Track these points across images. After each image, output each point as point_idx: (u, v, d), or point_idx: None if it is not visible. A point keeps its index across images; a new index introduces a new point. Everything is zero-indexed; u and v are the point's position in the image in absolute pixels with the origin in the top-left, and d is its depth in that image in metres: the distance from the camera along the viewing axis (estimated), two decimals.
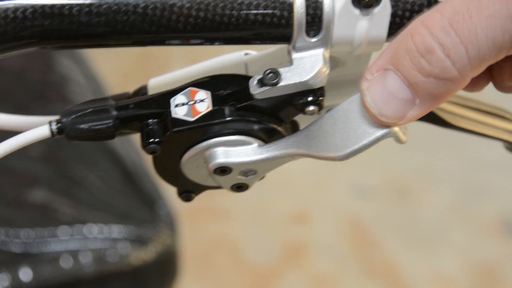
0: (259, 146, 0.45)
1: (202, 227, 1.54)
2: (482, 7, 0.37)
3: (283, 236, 1.56)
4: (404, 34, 0.39)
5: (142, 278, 0.95)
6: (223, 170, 0.45)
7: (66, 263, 0.91)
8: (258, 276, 1.51)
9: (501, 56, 0.38)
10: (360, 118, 0.42)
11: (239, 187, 0.47)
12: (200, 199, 0.51)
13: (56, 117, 0.46)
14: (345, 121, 0.43)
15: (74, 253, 0.92)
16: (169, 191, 1.02)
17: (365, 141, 0.42)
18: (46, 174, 0.98)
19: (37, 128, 0.46)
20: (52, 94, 1.07)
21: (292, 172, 0.46)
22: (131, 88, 0.51)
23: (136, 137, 0.48)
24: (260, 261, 1.52)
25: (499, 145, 0.56)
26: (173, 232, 0.98)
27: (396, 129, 0.41)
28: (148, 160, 1.03)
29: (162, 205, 0.99)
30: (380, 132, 0.42)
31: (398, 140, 0.42)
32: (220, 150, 0.45)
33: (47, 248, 0.92)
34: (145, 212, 0.99)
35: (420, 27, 0.38)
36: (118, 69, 1.68)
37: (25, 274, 0.90)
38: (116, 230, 0.94)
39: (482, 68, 0.38)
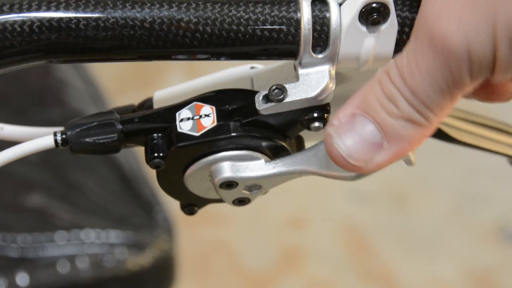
0: (266, 161, 0.45)
1: (199, 232, 1.53)
2: (418, 61, 0.39)
3: (280, 242, 1.56)
4: (371, 82, 0.40)
5: (139, 283, 0.95)
6: (229, 184, 0.45)
7: (63, 268, 0.91)
8: (255, 281, 1.51)
9: (461, 95, 0.39)
10: None
11: (241, 201, 0.47)
12: None
13: (61, 129, 0.46)
14: None
15: (71, 258, 0.92)
16: (167, 197, 1.02)
17: None
18: (44, 179, 0.98)
19: (41, 138, 0.46)
20: (50, 99, 1.07)
21: None
22: (128, 92, 0.51)
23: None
24: (257, 266, 1.52)
25: None
26: (170, 238, 0.98)
27: None
28: (146, 166, 1.03)
29: (159, 210, 0.99)
30: None
31: (408, 162, 0.42)
32: (227, 165, 0.45)
33: (44, 253, 0.92)
34: (142, 217, 0.99)
35: (384, 76, 0.40)
36: (115, 73, 1.68)
37: (22, 279, 0.90)
38: (114, 235, 0.94)
39: (447, 110, 0.40)
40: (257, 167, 0.45)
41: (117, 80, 1.66)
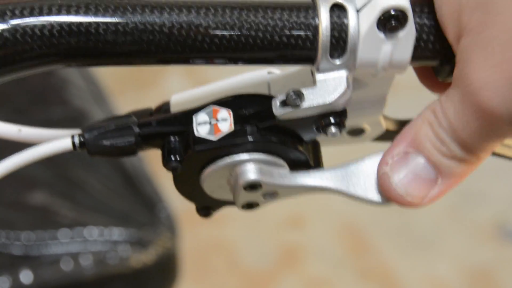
0: (291, 171, 0.45)
1: (198, 231, 1.54)
2: (467, 121, 0.40)
3: (279, 240, 1.56)
4: (420, 122, 0.42)
5: (143, 280, 0.95)
6: (253, 186, 0.45)
7: (66, 266, 0.91)
8: (254, 280, 1.51)
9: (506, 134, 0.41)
10: None
11: (250, 206, 0.48)
12: None
13: (78, 131, 0.46)
14: None
15: (74, 256, 0.92)
16: (169, 195, 1.02)
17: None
18: (47, 177, 0.98)
19: (59, 140, 0.46)
20: (52, 97, 1.07)
21: None
22: (128, 93, 0.51)
23: None
24: (256, 265, 1.52)
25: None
26: (173, 235, 0.98)
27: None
28: (148, 164, 1.04)
29: (162, 208, 0.99)
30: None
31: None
32: (254, 166, 0.45)
33: (47, 251, 0.92)
34: (145, 215, 0.99)
35: (433, 118, 0.41)
36: (115, 74, 1.68)
37: (26, 276, 0.90)
38: (117, 233, 0.94)
39: (495, 148, 0.42)
40: (282, 174, 0.45)
41: (116, 80, 1.66)
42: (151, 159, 1.03)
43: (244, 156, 0.45)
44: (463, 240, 1.58)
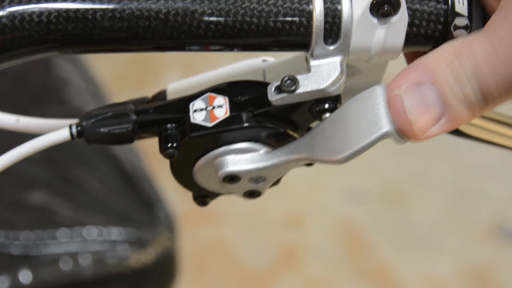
0: (266, 152, 0.45)
1: (196, 231, 1.54)
2: (497, 66, 0.40)
3: (277, 240, 1.56)
4: (438, 57, 0.41)
5: (142, 280, 0.95)
6: (232, 178, 0.46)
7: (65, 265, 0.91)
8: (252, 280, 1.51)
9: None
10: (357, 121, 0.42)
11: (251, 194, 0.48)
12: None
13: (76, 120, 0.47)
14: (343, 124, 0.42)
15: (73, 255, 0.92)
16: (168, 194, 1.02)
17: (363, 143, 0.41)
18: (46, 177, 0.98)
19: (57, 131, 0.46)
20: (51, 97, 1.07)
21: (286, 175, 0.46)
22: (126, 92, 0.51)
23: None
24: (254, 265, 1.52)
25: (492, 150, 0.56)
26: (172, 235, 0.98)
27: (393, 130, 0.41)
28: (147, 163, 1.04)
29: (161, 207, 0.99)
30: (378, 133, 0.41)
31: (397, 140, 0.42)
32: (228, 159, 0.45)
33: (46, 250, 0.92)
34: (144, 214, 0.99)
35: (453, 57, 0.40)
36: (112, 73, 1.69)
37: (25, 276, 0.90)
38: (116, 232, 0.94)
39: (495, 105, 0.41)
40: (257, 158, 0.45)
41: (115, 80, 1.67)
42: (150, 159, 1.04)
43: (219, 149, 0.45)
44: (461, 240, 1.58)
